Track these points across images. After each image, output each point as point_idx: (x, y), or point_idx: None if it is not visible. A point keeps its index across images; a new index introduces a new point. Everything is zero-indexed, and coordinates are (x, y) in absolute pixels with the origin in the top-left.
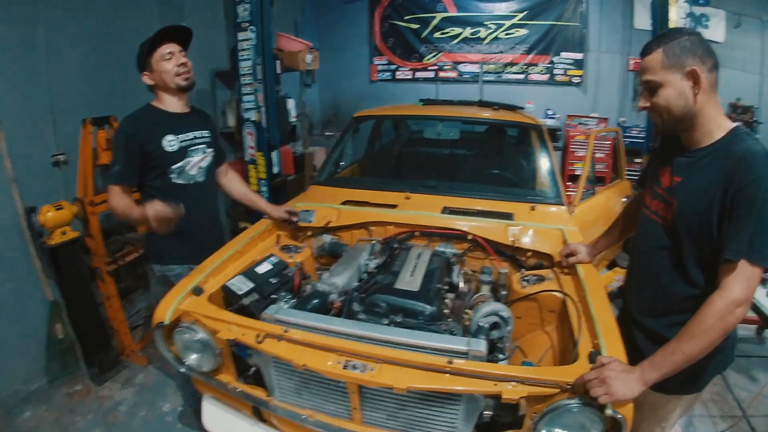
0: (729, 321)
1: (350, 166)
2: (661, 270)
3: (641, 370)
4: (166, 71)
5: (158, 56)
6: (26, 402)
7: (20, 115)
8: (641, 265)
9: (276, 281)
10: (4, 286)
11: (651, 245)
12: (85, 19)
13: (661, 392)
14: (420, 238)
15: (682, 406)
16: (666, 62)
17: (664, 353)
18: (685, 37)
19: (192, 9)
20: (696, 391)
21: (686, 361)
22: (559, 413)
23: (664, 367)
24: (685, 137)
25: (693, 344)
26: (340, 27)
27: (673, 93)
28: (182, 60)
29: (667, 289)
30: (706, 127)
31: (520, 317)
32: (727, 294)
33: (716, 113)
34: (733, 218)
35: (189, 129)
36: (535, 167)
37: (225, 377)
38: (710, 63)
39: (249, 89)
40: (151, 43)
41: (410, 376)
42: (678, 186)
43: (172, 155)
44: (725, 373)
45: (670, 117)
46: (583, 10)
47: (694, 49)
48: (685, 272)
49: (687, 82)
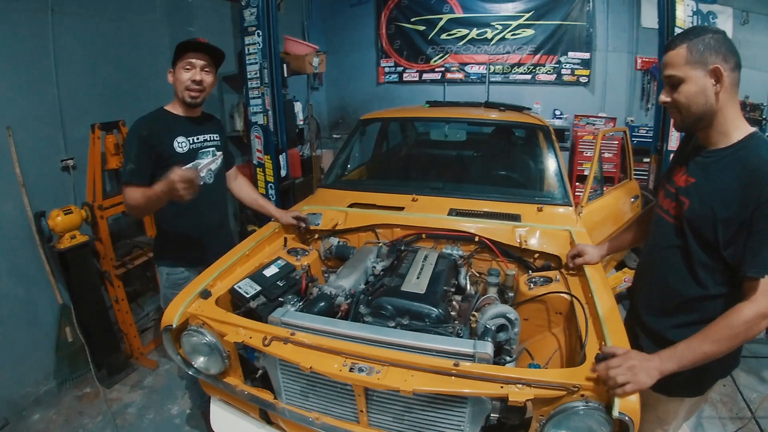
0: (754, 331)
1: (357, 168)
2: (669, 269)
3: (660, 359)
4: (180, 80)
5: (183, 62)
6: (36, 404)
7: (30, 121)
8: (650, 263)
9: (283, 284)
10: (15, 289)
11: (661, 244)
12: (93, 25)
13: (663, 394)
14: (427, 240)
15: (684, 409)
16: (689, 58)
17: (685, 347)
18: (709, 35)
19: (199, 14)
20: (699, 394)
21: (704, 360)
22: (566, 415)
23: (684, 359)
24: (702, 136)
25: (715, 346)
26: (346, 30)
27: (695, 89)
28: (198, 77)
29: (673, 289)
30: (725, 127)
31: (527, 319)
32: (756, 306)
33: (736, 114)
34: (753, 233)
35: (199, 132)
36: (542, 168)
37: (232, 380)
38: (733, 62)
39: (256, 93)
40: (184, 46)
41: (416, 378)
42: (692, 186)
43: (183, 156)
44: (735, 375)
45: (690, 114)
46: (589, 9)
47: (718, 47)
48: (692, 272)
49: (709, 79)
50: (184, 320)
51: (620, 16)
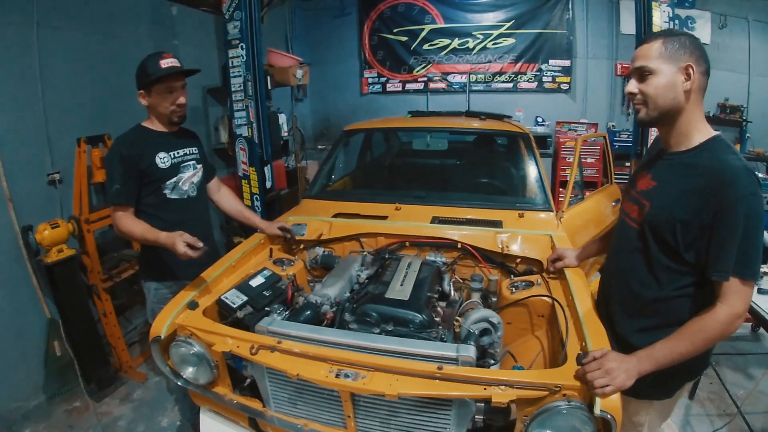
0: (728, 331)
1: (342, 179)
2: (630, 271)
3: (637, 360)
4: (164, 106)
5: (162, 87)
6: (26, 419)
7: (16, 135)
8: (613, 266)
9: (269, 294)
10: (2, 304)
11: (623, 247)
12: (79, 39)
13: (632, 396)
14: (411, 248)
15: (656, 411)
16: (663, 52)
17: (662, 347)
18: (686, 37)
19: (184, 27)
20: (667, 396)
21: (680, 359)
22: (549, 415)
23: (661, 359)
24: (665, 138)
25: (692, 347)
26: (330, 41)
27: (664, 82)
28: (182, 100)
29: (635, 291)
30: (687, 128)
31: (510, 323)
32: (729, 309)
33: (699, 117)
34: (715, 237)
35: (179, 147)
36: (523, 175)
37: (221, 389)
38: (704, 67)
39: (240, 105)
40: (160, 74)
41: (401, 382)
42: (653, 189)
43: (165, 171)
44: (722, 372)
45: (656, 107)
46: (569, 18)
47: (693, 49)
48: (653, 275)
49: (680, 76)
50: (173, 331)
51: (599, 23)
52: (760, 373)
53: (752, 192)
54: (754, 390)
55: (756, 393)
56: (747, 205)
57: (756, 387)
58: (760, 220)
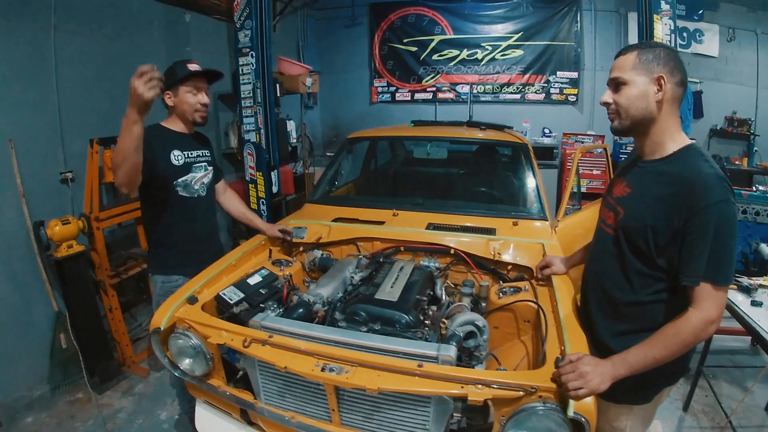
0: (702, 336)
1: (345, 185)
2: (605, 275)
3: (612, 364)
4: (188, 104)
5: (187, 87)
6: (29, 408)
7: (31, 134)
8: (591, 272)
9: (265, 292)
10: (12, 296)
11: (599, 253)
12: (94, 44)
13: (611, 401)
14: (405, 252)
15: (636, 416)
16: (637, 64)
17: (636, 353)
18: (661, 48)
19: (196, 34)
20: (646, 401)
21: (654, 364)
22: (526, 416)
23: (635, 364)
24: (640, 146)
25: (665, 352)
26: (341, 50)
27: (636, 92)
28: (205, 100)
29: (610, 295)
30: (661, 137)
31: (497, 327)
32: (701, 314)
33: (674, 127)
34: (686, 243)
35: (193, 148)
36: (520, 184)
37: (216, 381)
38: (678, 78)
39: (249, 112)
40: (188, 75)
41: (382, 378)
42: (627, 196)
43: (178, 169)
44: (719, 385)
45: (628, 116)
46: (577, 30)
47: (667, 61)
48: (627, 279)
49: (652, 86)
50: (172, 324)
51: (607, 35)
52: (757, 387)
53: (723, 199)
54: (745, 402)
55: (751, 407)
56: (718, 212)
57: (746, 397)
58: (732, 227)
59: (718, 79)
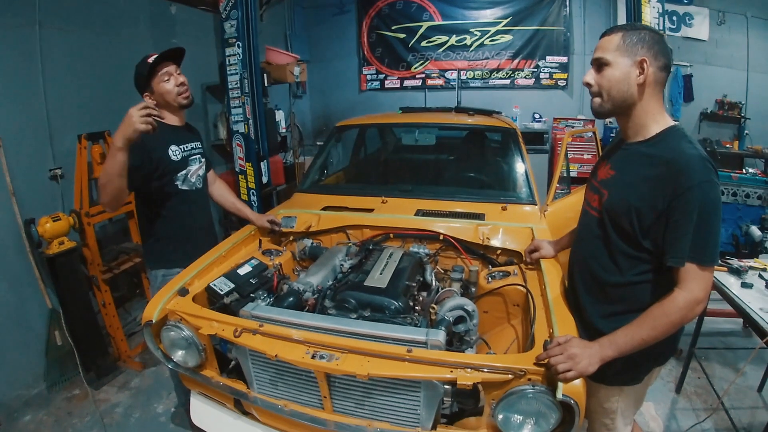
0: (689, 317)
1: (334, 174)
2: (592, 257)
3: (600, 346)
4: (167, 92)
5: (158, 78)
6: (27, 406)
7: (19, 131)
8: (577, 254)
9: (255, 282)
10: (5, 294)
11: (585, 236)
12: (80, 39)
13: (602, 383)
14: (395, 239)
15: (628, 398)
16: (621, 45)
17: (623, 334)
18: (646, 31)
19: (182, 26)
20: (636, 382)
21: (642, 345)
22: (516, 398)
23: (623, 346)
24: (623, 128)
25: (653, 332)
26: (329, 39)
27: (618, 75)
28: (180, 79)
29: (596, 276)
30: (643, 120)
31: (487, 312)
32: (688, 294)
33: (657, 109)
34: (670, 224)
35: (187, 141)
36: (508, 169)
37: (209, 372)
38: (662, 62)
39: (237, 102)
40: (150, 67)
41: (372, 364)
42: (611, 178)
43: (177, 163)
44: (711, 367)
45: (609, 98)
46: (566, 14)
47: (651, 44)
48: (613, 261)
49: (635, 69)
50: (164, 316)
51: (597, 19)
52: (749, 368)
53: (707, 179)
54: (737, 383)
55: (743, 388)
56: (701, 192)
57: (738, 379)
58: (716, 207)
59: (709, 62)
